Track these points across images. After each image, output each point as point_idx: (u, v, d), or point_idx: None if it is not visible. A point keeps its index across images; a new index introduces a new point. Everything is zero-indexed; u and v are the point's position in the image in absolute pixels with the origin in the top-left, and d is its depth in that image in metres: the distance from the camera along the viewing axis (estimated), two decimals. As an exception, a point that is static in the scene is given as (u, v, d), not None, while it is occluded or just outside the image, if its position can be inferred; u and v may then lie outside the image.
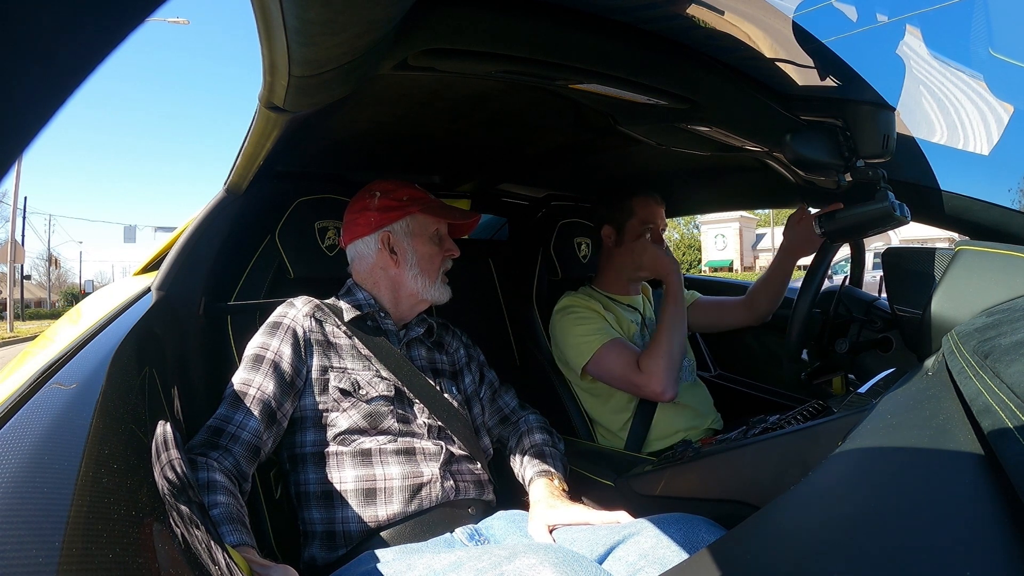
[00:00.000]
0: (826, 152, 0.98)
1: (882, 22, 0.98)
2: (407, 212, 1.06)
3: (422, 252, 1.07)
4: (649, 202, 1.52)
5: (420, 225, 1.07)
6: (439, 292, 1.09)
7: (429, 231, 1.08)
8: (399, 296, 1.08)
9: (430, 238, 1.08)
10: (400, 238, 1.07)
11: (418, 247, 1.07)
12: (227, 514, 0.74)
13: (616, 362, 1.34)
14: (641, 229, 1.50)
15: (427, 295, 1.07)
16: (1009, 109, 1.06)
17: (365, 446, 0.94)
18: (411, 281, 1.06)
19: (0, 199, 23.38)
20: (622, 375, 1.33)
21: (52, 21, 0.14)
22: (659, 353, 1.30)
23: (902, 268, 1.03)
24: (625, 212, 1.51)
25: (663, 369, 1.28)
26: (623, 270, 1.53)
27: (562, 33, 0.71)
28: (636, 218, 1.50)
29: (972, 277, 0.79)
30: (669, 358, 1.29)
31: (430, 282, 1.07)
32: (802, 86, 0.94)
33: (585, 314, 1.43)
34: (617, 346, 1.36)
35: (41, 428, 0.49)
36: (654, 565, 0.74)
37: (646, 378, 1.29)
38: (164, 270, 1.03)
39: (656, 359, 1.29)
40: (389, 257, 1.07)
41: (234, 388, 0.90)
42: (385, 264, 1.07)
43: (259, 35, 0.51)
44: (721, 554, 0.49)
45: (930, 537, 0.39)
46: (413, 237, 1.07)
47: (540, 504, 0.97)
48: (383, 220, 1.06)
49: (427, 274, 1.07)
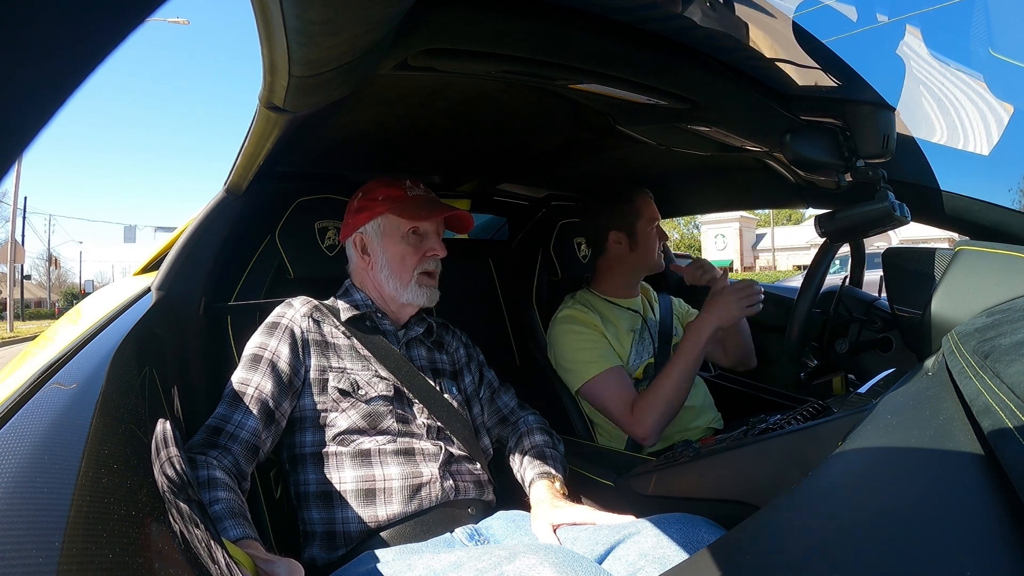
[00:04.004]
0: (826, 152, 0.98)
1: (882, 22, 0.98)
2: (377, 212, 1.05)
3: (392, 253, 1.04)
4: (648, 199, 1.52)
5: (392, 225, 1.05)
6: (416, 295, 1.04)
7: (401, 231, 1.05)
8: (384, 298, 1.07)
9: (402, 238, 1.04)
10: (371, 239, 1.06)
11: (388, 247, 1.05)
12: (229, 509, 0.74)
13: (610, 396, 1.35)
14: (649, 228, 1.50)
15: (403, 298, 1.05)
16: (1009, 109, 1.06)
17: (364, 446, 0.93)
18: (385, 283, 1.05)
19: (0, 199, 23.39)
20: (614, 410, 1.34)
21: (52, 21, 0.14)
22: (656, 405, 1.27)
23: (902, 268, 1.03)
24: (632, 214, 1.51)
25: (654, 422, 1.27)
26: (636, 272, 1.54)
27: (562, 33, 0.71)
28: (643, 217, 1.50)
29: (972, 277, 0.79)
30: (664, 412, 1.26)
31: (402, 284, 1.04)
32: (802, 86, 0.94)
33: (586, 333, 1.42)
34: (614, 377, 1.36)
35: (41, 428, 0.49)
36: (654, 564, 0.74)
37: (635, 423, 1.29)
38: (164, 270, 1.03)
39: (651, 411, 1.27)
40: (363, 259, 1.07)
41: (232, 387, 0.90)
42: (364, 265, 1.07)
43: (259, 35, 0.51)
44: (721, 554, 0.49)
45: (930, 537, 0.39)
46: (383, 237, 1.05)
47: (543, 504, 0.97)
48: (357, 222, 1.06)
49: (398, 275, 1.04)
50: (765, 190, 1.61)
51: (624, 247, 1.52)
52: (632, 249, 1.52)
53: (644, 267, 1.52)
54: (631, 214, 1.50)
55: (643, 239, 1.50)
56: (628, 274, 1.54)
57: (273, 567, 0.66)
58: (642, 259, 1.51)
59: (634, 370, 1.45)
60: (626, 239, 1.52)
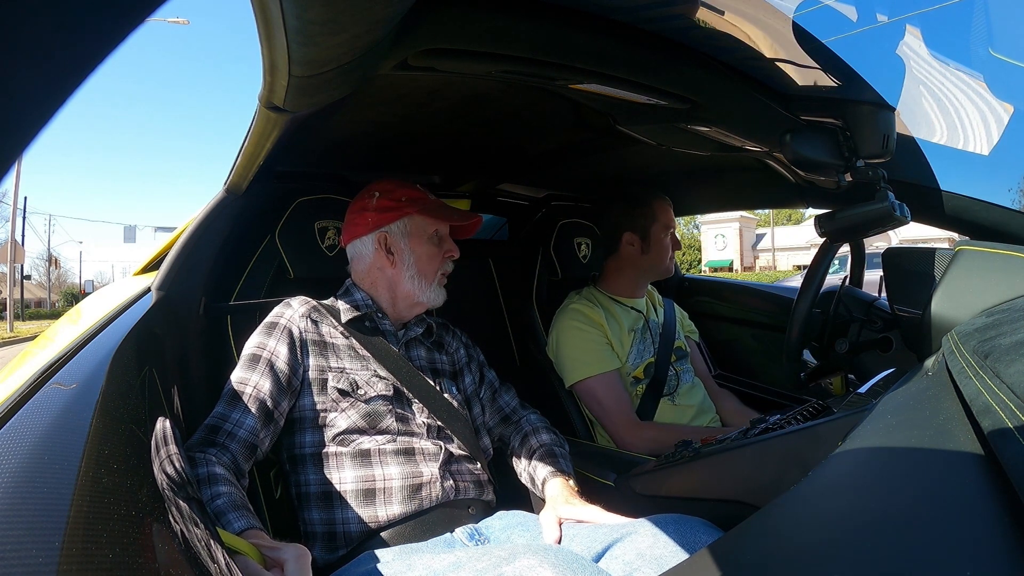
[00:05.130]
0: (826, 152, 0.98)
1: (882, 22, 0.98)
2: (404, 213, 1.06)
3: (420, 253, 1.06)
4: (666, 205, 1.55)
5: (418, 226, 1.07)
6: (435, 295, 1.07)
7: (428, 232, 1.07)
8: (396, 297, 1.07)
9: (428, 239, 1.07)
10: (397, 239, 1.06)
11: (416, 248, 1.06)
12: (231, 502, 0.75)
13: (606, 398, 1.37)
14: (664, 233, 1.53)
15: (423, 297, 1.06)
16: (1009, 109, 1.06)
17: (364, 446, 0.93)
18: (407, 282, 1.06)
19: (0, 199, 23.39)
20: (610, 411, 1.36)
21: (52, 21, 0.14)
22: (661, 436, 1.30)
23: (902, 268, 1.03)
24: (648, 217, 1.53)
25: (647, 448, 1.29)
26: (645, 275, 1.55)
27: (562, 33, 0.71)
28: (659, 223, 1.53)
29: (972, 277, 0.79)
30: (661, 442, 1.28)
31: (427, 284, 1.06)
32: (802, 86, 0.94)
33: (590, 332, 1.43)
34: (610, 382, 1.38)
35: (41, 428, 0.49)
36: (651, 564, 0.74)
37: (633, 437, 1.32)
38: (164, 270, 1.03)
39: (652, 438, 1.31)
40: (386, 258, 1.06)
41: (231, 387, 0.90)
42: (382, 264, 1.06)
43: (259, 35, 0.51)
44: (721, 554, 0.49)
45: (930, 537, 0.39)
46: (411, 238, 1.06)
47: (558, 499, 0.97)
48: (380, 220, 1.06)
49: (424, 275, 1.06)
50: (765, 190, 1.61)
51: (636, 249, 1.54)
52: (644, 252, 1.53)
53: (654, 271, 1.55)
54: (647, 217, 1.52)
55: (656, 244, 1.53)
56: (636, 276, 1.55)
57: (279, 553, 0.67)
58: (652, 263, 1.54)
59: (634, 369, 1.46)
60: (639, 241, 1.53)
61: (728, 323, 1.91)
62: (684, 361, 1.56)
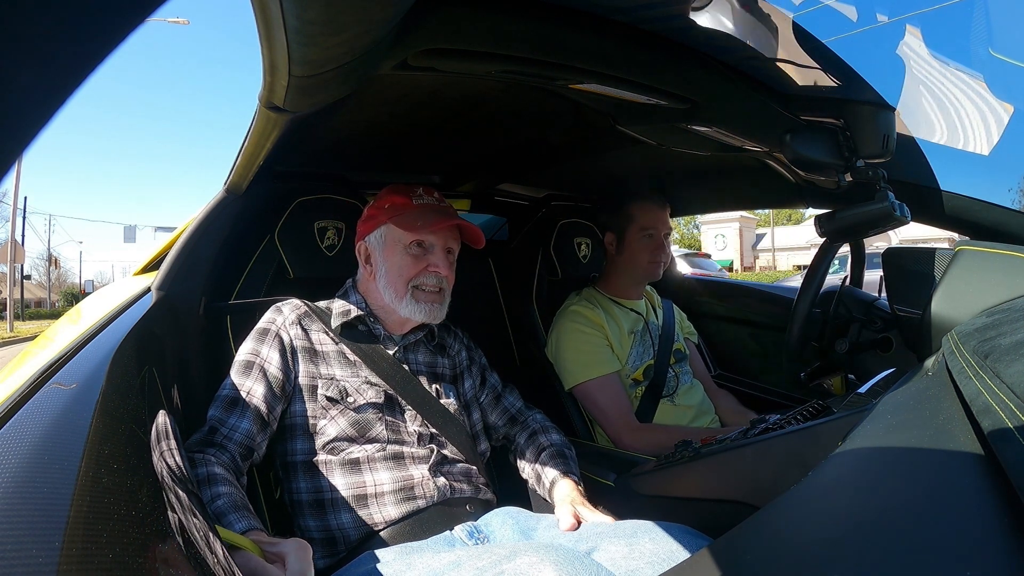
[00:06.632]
0: (826, 152, 0.98)
1: (882, 22, 0.98)
2: (379, 222, 1.03)
3: (391, 264, 1.01)
4: (649, 207, 1.51)
5: (393, 236, 1.02)
6: (411, 309, 1.00)
7: (403, 242, 1.01)
8: (383, 308, 1.05)
9: (404, 249, 1.01)
10: (373, 248, 1.04)
11: (389, 258, 1.01)
12: (232, 503, 0.75)
13: (607, 400, 1.37)
14: (641, 236, 1.50)
15: (402, 311, 1.01)
16: (1009, 109, 1.06)
17: (354, 455, 0.93)
18: (383, 293, 1.02)
19: (0, 199, 23.39)
20: (611, 413, 1.36)
21: (52, 21, 0.14)
22: (661, 438, 1.29)
23: (902, 268, 1.03)
24: (624, 218, 1.51)
25: (646, 447, 1.28)
26: (624, 276, 1.54)
27: (562, 33, 0.71)
28: (636, 224, 1.50)
29: (972, 277, 0.79)
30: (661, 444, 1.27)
31: (397, 297, 1.00)
32: (802, 86, 0.94)
33: (591, 335, 1.43)
34: (610, 384, 1.38)
35: (41, 428, 0.49)
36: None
37: (634, 440, 1.32)
38: (164, 270, 1.03)
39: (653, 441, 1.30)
40: (365, 268, 1.06)
41: (226, 392, 0.91)
42: (366, 275, 1.06)
43: (259, 35, 0.51)
44: (721, 554, 0.49)
45: (930, 537, 0.39)
46: (385, 248, 1.02)
47: (576, 501, 0.96)
48: (364, 229, 1.05)
49: (393, 287, 1.01)
50: (765, 190, 1.61)
51: (613, 249, 1.53)
52: (618, 253, 1.52)
53: (629, 273, 1.53)
54: (624, 217, 1.51)
55: (629, 245, 1.51)
56: (622, 276, 1.54)
57: (279, 548, 0.68)
58: (626, 264, 1.52)
59: (633, 371, 1.46)
60: (615, 241, 1.53)
61: (728, 323, 1.90)
62: (683, 363, 1.55)
